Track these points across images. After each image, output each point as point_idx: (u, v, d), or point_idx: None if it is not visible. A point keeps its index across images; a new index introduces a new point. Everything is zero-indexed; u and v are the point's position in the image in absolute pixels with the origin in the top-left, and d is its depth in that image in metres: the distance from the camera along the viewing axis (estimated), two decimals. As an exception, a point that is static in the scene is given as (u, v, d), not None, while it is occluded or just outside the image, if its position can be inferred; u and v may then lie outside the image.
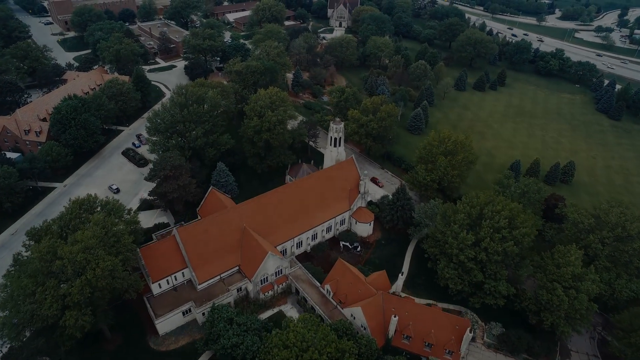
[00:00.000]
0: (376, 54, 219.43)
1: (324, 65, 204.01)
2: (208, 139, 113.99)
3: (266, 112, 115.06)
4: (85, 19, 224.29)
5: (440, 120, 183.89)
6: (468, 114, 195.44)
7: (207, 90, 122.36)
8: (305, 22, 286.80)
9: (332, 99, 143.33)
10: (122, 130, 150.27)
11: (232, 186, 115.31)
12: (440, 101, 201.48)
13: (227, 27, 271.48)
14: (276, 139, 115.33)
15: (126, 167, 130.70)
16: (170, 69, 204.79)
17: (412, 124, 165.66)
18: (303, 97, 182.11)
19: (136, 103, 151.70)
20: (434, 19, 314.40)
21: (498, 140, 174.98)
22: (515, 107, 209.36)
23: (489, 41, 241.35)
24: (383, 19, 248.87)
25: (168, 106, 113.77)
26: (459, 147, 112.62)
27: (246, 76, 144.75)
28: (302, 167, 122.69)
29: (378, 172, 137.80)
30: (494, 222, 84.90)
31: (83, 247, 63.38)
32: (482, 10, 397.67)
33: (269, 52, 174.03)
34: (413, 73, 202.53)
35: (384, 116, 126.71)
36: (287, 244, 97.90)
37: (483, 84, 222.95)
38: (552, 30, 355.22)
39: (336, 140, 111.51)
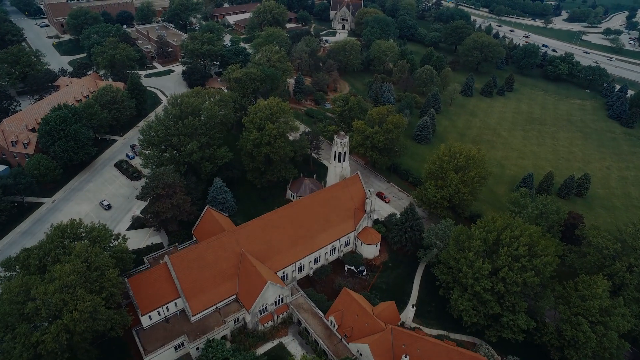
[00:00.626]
0: (380, 59, 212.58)
1: (327, 70, 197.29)
2: (204, 153, 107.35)
3: (266, 125, 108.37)
4: (81, 22, 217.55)
5: (448, 129, 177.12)
6: (476, 121, 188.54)
7: (203, 100, 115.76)
8: (307, 24, 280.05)
9: (336, 108, 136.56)
10: (115, 140, 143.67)
11: (230, 203, 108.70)
12: (447, 108, 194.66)
13: (228, 29, 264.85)
14: (277, 153, 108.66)
15: (119, 180, 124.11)
16: (168, 73, 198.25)
17: (419, 134, 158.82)
18: (305, 104, 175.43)
19: (131, 111, 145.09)
20: (439, 21, 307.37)
21: (508, 149, 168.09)
22: (524, 114, 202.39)
23: (496, 45, 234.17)
24: (387, 21, 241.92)
25: (162, 117, 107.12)
26: (471, 162, 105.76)
27: (246, 84, 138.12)
28: (304, 182, 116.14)
29: (384, 185, 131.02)
30: (513, 250, 78.12)
31: (60, 285, 56.75)
32: (488, 12, 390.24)
33: (269, 57, 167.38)
34: (419, 78, 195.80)
35: (390, 128, 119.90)
36: (288, 269, 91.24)
37: (490, 89, 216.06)
38: (559, 33, 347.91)
39: (341, 155, 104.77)
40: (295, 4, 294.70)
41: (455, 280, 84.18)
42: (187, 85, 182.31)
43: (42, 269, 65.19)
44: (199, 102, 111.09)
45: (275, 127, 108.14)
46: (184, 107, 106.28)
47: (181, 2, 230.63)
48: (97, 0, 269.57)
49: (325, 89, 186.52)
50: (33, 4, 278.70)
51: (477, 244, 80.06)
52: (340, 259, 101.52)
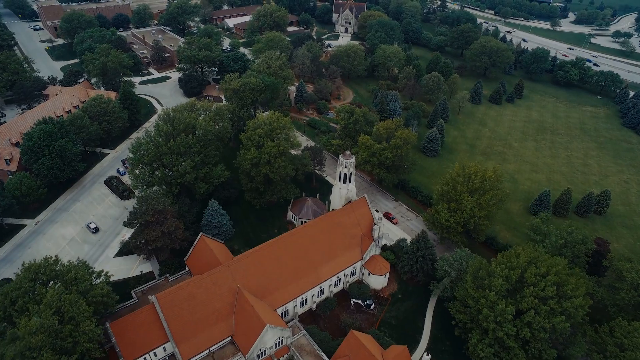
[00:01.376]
0: (385, 64, 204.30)
1: (330, 76, 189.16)
2: (198, 173, 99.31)
3: (265, 142, 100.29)
4: (74, 26, 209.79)
5: (457, 139, 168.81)
6: (485, 131, 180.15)
7: (198, 114, 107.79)
8: (309, 27, 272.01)
9: (341, 121, 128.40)
10: (106, 153, 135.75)
11: (227, 226, 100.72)
12: (455, 116, 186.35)
13: (227, 33, 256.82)
14: (277, 173, 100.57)
15: (108, 199, 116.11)
16: (164, 80, 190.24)
17: (427, 146, 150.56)
18: (307, 114, 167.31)
19: (123, 123, 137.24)
20: (444, 24, 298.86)
21: (520, 162, 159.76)
22: (535, 123, 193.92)
23: (505, 50, 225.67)
24: (392, 25, 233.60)
25: (153, 134, 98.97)
26: (487, 184, 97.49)
27: (244, 94, 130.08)
28: (306, 203, 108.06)
29: (391, 205, 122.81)
30: (539, 290, 69.97)
31: (23, 348, 48.77)
32: (493, 14, 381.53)
33: (270, 64, 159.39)
34: (425, 86, 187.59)
35: (399, 144, 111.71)
36: (289, 304, 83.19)
37: (500, 96, 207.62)
38: (567, 36, 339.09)
39: (346, 176, 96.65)
40: (296, 7, 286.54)
41: (473, 321, 76.08)
42: (184, 94, 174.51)
43: (8, 318, 57.20)
44: (193, 117, 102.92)
45: (275, 144, 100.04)
46: (176, 123, 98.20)
47: (178, 5, 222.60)
48: (92, 3, 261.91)
49: (328, 97, 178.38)
50: (27, 6, 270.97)
51: (499, 283, 71.89)
52: (345, 290, 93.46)
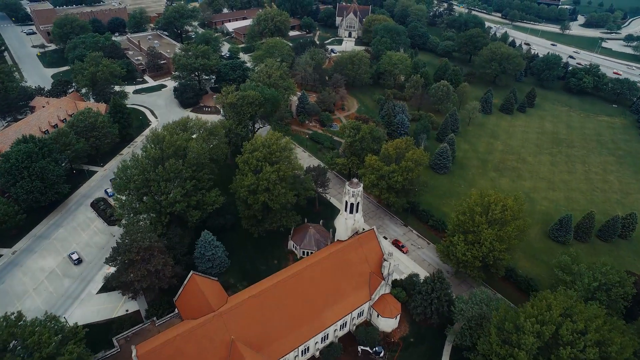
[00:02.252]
0: (391, 72, 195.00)
1: (333, 85, 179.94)
2: (190, 200, 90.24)
3: (263, 167, 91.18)
4: (66, 31, 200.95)
5: (468, 154, 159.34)
6: (497, 144, 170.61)
7: (190, 134, 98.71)
8: (312, 31, 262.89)
9: (346, 138, 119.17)
10: (95, 171, 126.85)
11: (222, 259, 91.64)
12: (465, 128, 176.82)
13: (226, 37, 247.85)
14: (276, 201, 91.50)
15: (94, 224, 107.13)
16: (160, 89, 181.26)
17: (437, 162, 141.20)
18: (309, 126, 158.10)
19: (113, 138, 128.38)
20: (451, 28, 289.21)
21: (536, 178, 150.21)
22: (549, 134, 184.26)
23: (515, 56, 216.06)
24: (398, 30, 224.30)
25: (140, 158, 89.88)
26: (508, 214, 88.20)
27: (242, 108, 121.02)
28: (308, 232, 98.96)
29: (400, 230, 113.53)
30: (578, 352, 60.67)
31: None
32: (501, 17, 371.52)
33: (270, 74, 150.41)
34: (434, 95, 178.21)
35: (410, 166, 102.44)
36: (290, 355, 74.07)
37: (511, 105, 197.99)
38: (577, 40, 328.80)
39: (353, 205, 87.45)
40: (298, 10, 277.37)
41: (499, 380, 66.82)
42: (179, 104, 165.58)
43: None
44: (184, 138, 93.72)
45: (275, 169, 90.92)
46: (165, 146, 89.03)
47: (175, 9, 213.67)
48: (87, 6, 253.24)
49: (332, 108, 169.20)
50: (21, 9, 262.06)
51: (530, 341, 62.55)
52: (351, 333, 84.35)
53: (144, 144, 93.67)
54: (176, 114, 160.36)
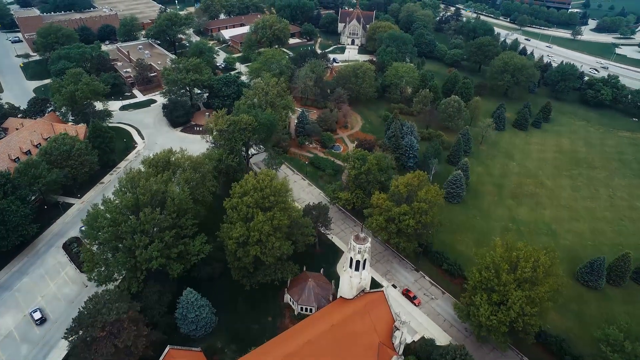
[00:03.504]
0: (398, 85, 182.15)
1: (336, 100, 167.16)
2: (170, 253, 77.67)
3: (255, 214, 78.54)
4: (51, 41, 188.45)
5: (482, 178, 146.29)
6: (513, 165, 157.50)
7: (171, 174, 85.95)
8: (313, 39, 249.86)
9: (350, 170, 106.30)
10: (70, 204, 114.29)
11: (207, 319, 79.10)
12: (477, 147, 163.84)
13: (222, 45, 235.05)
14: (270, 254, 78.81)
15: (66, 271, 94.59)
16: (149, 104, 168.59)
17: (450, 191, 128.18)
18: (309, 149, 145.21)
19: (92, 167, 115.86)
20: (459, 34, 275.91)
21: (556, 206, 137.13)
22: (567, 153, 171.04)
23: (530, 67, 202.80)
24: (404, 39, 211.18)
25: (110, 206, 77.11)
26: (541, 271, 75.42)
27: (234, 135, 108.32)
28: (307, 284, 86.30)
29: (411, 276, 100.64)
30: None
31: None
32: (509, 22, 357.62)
33: (267, 91, 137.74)
34: (444, 111, 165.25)
35: (424, 208, 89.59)
36: None
37: (525, 121, 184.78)
38: (590, 46, 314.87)
39: (359, 263, 74.80)
40: (299, 16, 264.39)
41: None
42: (168, 123, 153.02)
43: None
44: (163, 180, 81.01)
45: (269, 217, 78.27)
46: (140, 193, 76.36)
47: (167, 17, 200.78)
48: (76, 13, 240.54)
49: (334, 127, 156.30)
50: (7, 15, 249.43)
51: None
52: (358, 415, 71.74)
53: (116, 188, 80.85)
54: (165, 135, 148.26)
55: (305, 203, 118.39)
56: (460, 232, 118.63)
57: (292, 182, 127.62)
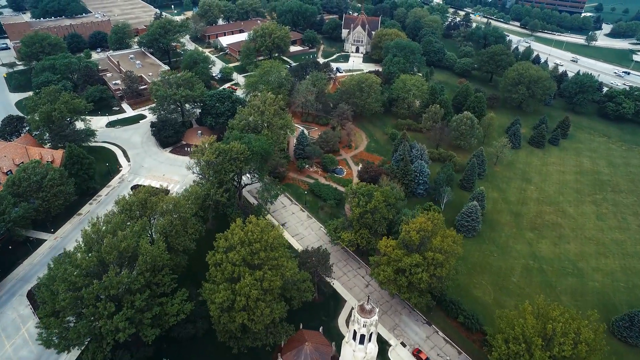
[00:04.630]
0: (405, 99, 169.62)
1: (339, 116, 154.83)
2: (143, 318, 65.77)
3: (243, 274, 66.47)
4: (36, 50, 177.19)
5: (498, 205, 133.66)
6: (531, 189, 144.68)
7: (145, 222, 73.97)
8: (315, 46, 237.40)
9: (354, 208, 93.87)
10: (43, 240, 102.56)
11: (184, 395, 67.30)
12: (492, 169, 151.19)
13: (219, 53, 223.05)
14: (259, 321, 66.73)
15: (27, 327, 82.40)
16: (138, 120, 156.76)
17: (464, 224, 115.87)
18: (309, 172, 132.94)
19: (67, 198, 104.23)
20: (469, 41, 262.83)
21: (581, 239, 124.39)
22: (589, 174, 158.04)
23: (546, 79, 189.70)
24: (412, 48, 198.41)
25: (69, 270, 64.78)
26: (583, 348, 62.97)
27: (223, 166, 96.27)
28: (303, 348, 73.84)
29: (422, 331, 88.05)
30: None
31: None
32: (519, 27, 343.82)
33: (263, 110, 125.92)
34: (456, 129, 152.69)
35: (439, 259, 77.21)
36: None
37: (542, 138, 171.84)
38: (606, 52, 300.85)
39: (364, 336, 62.65)
40: (300, 21, 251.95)
41: None
42: (157, 143, 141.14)
43: None
44: (136, 232, 68.98)
45: (257, 278, 66.13)
46: (104, 251, 64.32)
47: (160, 25, 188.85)
48: (67, 19, 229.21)
49: (337, 147, 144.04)
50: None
51: None
52: None
53: (76, 244, 68.71)
54: (153, 156, 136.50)
55: (303, 239, 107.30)
56: (477, 273, 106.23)
57: (290, 213, 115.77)
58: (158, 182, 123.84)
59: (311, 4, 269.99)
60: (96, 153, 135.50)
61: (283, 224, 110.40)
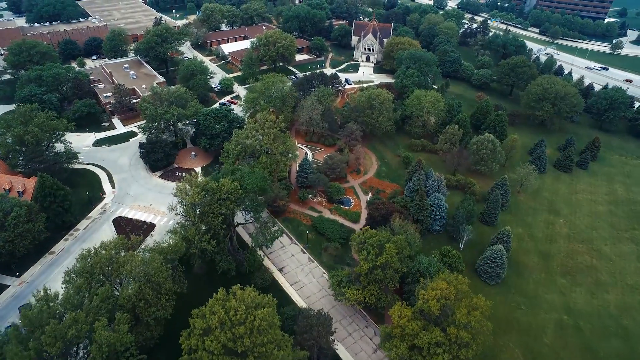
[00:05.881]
0: (420, 116, 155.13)
1: (347, 137, 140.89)
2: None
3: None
4: (23, 59, 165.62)
5: (523, 243, 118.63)
6: (559, 223, 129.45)
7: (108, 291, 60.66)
8: (322, 54, 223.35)
9: (362, 262, 79.94)
10: (5, 286, 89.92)
11: None
12: (514, 198, 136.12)
13: (221, 62, 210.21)
14: None
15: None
16: (128, 138, 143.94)
17: (486, 270, 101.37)
18: (312, 204, 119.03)
19: (37, 236, 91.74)
20: (487, 49, 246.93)
21: (622, 286, 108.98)
22: (624, 205, 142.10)
23: (574, 95, 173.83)
24: (427, 59, 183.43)
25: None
26: None
27: (211, 207, 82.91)
28: None
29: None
30: None
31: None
32: (539, 34, 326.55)
33: (263, 132, 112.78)
34: (476, 153, 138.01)
35: (464, 337, 62.95)
36: None
37: (570, 161, 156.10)
38: (631, 61, 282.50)
39: None
40: (308, 27, 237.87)
41: None
42: (146, 166, 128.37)
43: None
44: (90, 314, 55.60)
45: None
46: (46, 342, 50.97)
47: (157, 33, 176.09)
48: (62, 24, 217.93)
49: (344, 173, 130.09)
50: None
51: None
52: None
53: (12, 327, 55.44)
54: (140, 181, 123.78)
55: (303, 288, 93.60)
56: (502, 333, 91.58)
57: (289, 255, 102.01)
58: (144, 213, 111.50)
59: (320, 9, 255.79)
60: (79, 177, 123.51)
61: (281, 269, 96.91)
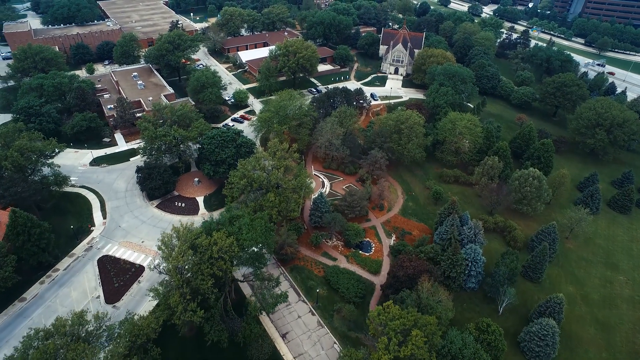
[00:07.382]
0: (453, 143, 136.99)
1: (370, 166, 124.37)
2: None
3: None
4: (28, 66, 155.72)
5: (575, 308, 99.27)
6: (619, 282, 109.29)
7: None
8: (347, 65, 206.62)
9: (382, 354, 63.47)
10: (-35, 342, 77.92)
11: None
12: (562, 246, 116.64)
13: (238, 71, 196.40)
14: None
15: None
16: (128, 158, 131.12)
17: (532, 347, 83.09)
18: (327, 248, 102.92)
19: (2, 283, 79.17)
20: (527, 63, 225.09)
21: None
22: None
23: (633, 121, 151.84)
24: (463, 75, 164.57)
25: None
26: None
27: (200, 267, 68.00)
28: None
29: None
30: None
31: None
32: (584, 45, 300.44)
33: (273, 164, 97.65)
34: (518, 191, 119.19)
35: None
36: None
37: (629, 201, 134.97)
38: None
39: None
40: (333, 35, 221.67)
41: None
42: (143, 194, 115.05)
43: None
44: None
45: None
46: None
47: (168, 40, 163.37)
48: (76, 27, 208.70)
49: (365, 210, 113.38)
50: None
51: None
52: None
53: None
54: (135, 211, 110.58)
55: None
56: None
57: (295, 317, 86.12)
58: (134, 252, 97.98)
59: (346, 14, 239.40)
60: (68, 202, 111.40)
61: (284, 335, 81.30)
